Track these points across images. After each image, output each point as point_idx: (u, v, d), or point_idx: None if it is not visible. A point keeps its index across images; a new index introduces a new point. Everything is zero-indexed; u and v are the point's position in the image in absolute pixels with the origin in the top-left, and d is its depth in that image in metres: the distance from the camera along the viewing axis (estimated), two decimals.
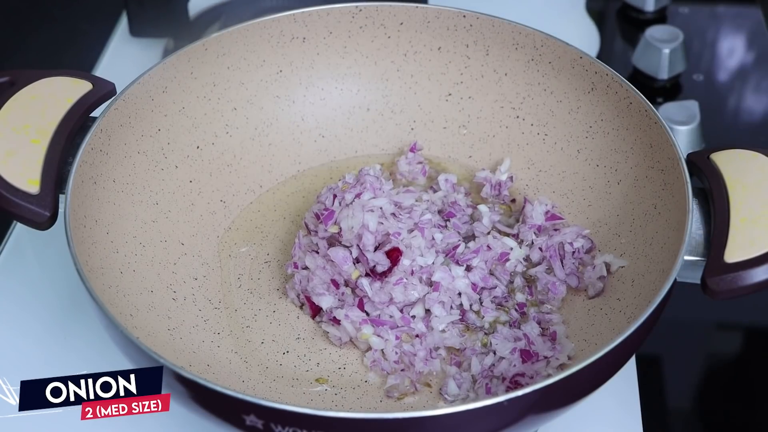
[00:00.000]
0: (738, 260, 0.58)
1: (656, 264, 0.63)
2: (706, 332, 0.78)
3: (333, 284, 0.66)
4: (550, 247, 0.68)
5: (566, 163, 0.73)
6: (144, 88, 0.70)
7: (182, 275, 0.69)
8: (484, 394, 0.62)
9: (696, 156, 0.65)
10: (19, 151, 0.64)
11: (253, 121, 0.76)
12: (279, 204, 0.75)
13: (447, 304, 0.66)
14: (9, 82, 0.68)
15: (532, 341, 0.64)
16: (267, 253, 0.72)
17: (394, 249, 0.65)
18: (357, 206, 0.65)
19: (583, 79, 0.71)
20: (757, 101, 1.00)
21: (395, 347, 0.64)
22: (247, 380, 0.64)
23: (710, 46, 1.05)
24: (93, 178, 0.65)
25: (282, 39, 0.76)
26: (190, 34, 0.96)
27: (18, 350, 0.71)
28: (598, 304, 0.66)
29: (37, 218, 0.62)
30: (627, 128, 0.69)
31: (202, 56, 0.73)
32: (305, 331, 0.67)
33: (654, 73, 0.95)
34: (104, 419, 0.67)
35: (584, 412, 0.66)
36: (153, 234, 0.69)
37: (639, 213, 0.67)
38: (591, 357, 0.53)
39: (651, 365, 0.72)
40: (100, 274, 0.61)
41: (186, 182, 0.73)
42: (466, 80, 0.76)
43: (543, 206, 0.70)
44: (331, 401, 0.63)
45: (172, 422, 0.67)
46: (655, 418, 0.68)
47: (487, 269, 0.67)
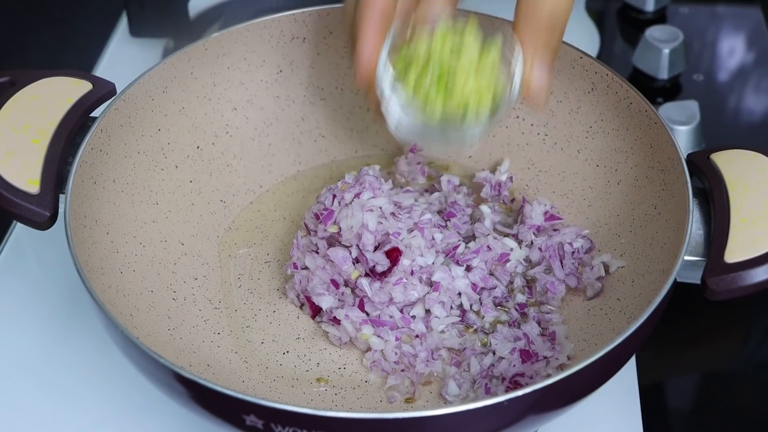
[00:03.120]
0: (738, 260, 0.58)
1: (656, 264, 0.63)
2: (707, 333, 0.78)
3: (333, 284, 0.66)
4: (549, 248, 0.68)
5: (566, 163, 0.73)
6: (144, 88, 0.70)
7: (182, 275, 0.69)
8: (483, 394, 0.62)
9: (696, 156, 0.65)
10: (19, 151, 0.64)
11: (253, 121, 0.76)
12: (279, 204, 0.75)
13: (447, 304, 0.66)
14: (9, 82, 0.68)
15: (531, 341, 0.64)
16: (267, 253, 0.72)
17: (393, 249, 0.65)
18: (356, 206, 0.65)
19: (583, 79, 0.71)
20: (757, 101, 1.00)
21: (395, 348, 0.64)
22: (247, 380, 0.64)
23: (710, 46, 1.05)
24: (93, 178, 0.65)
25: (282, 39, 0.76)
26: (190, 34, 0.96)
27: (18, 350, 0.71)
28: (598, 304, 0.66)
29: (37, 218, 0.62)
30: (627, 128, 0.69)
31: (202, 56, 0.73)
32: (305, 331, 0.67)
33: (654, 73, 0.95)
34: (104, 418, 0.67)
35: (584, 413, 0.66)
36: (153, 234, 0.69)
37: (639, 213, 0.67)
38: (591, 357, 0.53)
39: (651, 366, 0.72)
40: (100, 274, 0.61)
41: (186, 182, 0.73)
42: None
43: (542, 206, 0.70)
44: (331, 401, 0.63)
45: (172, 422, 0.67)
46: (655, 418, 0.68)
47: (487, 269, 0.67)
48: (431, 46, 0.60)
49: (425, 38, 0.60)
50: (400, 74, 0.61)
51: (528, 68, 0.60)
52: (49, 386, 0.68)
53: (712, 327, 0.77)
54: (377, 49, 0.61)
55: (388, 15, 0.60)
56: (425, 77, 0.60)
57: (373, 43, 0.60)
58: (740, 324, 0.78)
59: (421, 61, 0.60)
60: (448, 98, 0.60)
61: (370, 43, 0.60)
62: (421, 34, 0.61)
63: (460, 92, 0.59)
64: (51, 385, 0.68)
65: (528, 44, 0.60)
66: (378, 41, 0.60)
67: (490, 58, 0.60)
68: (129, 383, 0.66)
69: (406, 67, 0.61)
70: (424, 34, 0.61)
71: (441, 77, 0.59)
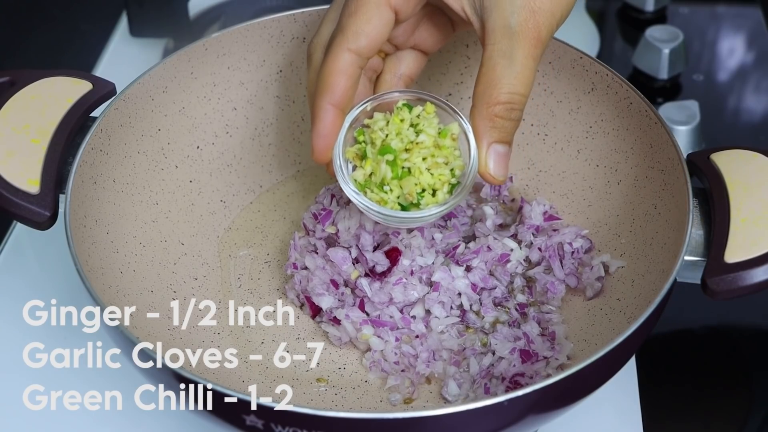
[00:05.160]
0: (738, 260, 0.58)
1: (656, 264, 0.63)
2: (707, 332, 0.78)
3: (333, 284, 0.66)
4: (549, 248, 0.68)
5: (566, 163, 0.73)
6: (144, 88, 0.70)
7: (182, 275, 0.69)
8: (482, 394, 0.62)
9: (696, 156, 0.65)
10: (19, 151, 0.64)
11: (253, 121, 0.76)
12: (279, 204, 0.75)
13: (447, 304, 0.66)
14: (9, 82, 0.68)
15: (531, 340, 0.64)
16: (267, 253, 0.72)
17: (393, 249, 0.65)
18: (354, 206, 0.65)
19: (583, 79, 0.71)
20: (757, 101, 1.00)
21: (395, 348, 0.64)
22: (247, 380, 0.64)
23: (710, 46, 1.05)
24: (93, 178, 0.65)
25: (282, 39, 0.76)
26: (190, 34, 0.96)
27: (18, 350, 0.71)
28: (598, 305, 0.66)
29: (37, 218, 0.62)
30: (627, 128, 0.69)
31: (202, 56, 0.73)
32: (305, 331, 0.67)
33: (654, 73, 0.95)
34: (104, 418, 0.67)
35: (584, 413, 0.66)
36: (153, 234, 0.69)
37: (639, 213, 0.67)
38: (591, 357, 0.53)
39: (651, 365, 0.72)
40: (100, 274, 0.61)
41: (186, 182, 0.73)
42: (466, 80, 0.76)
43: (541, 206, 0.70)
44: (331, 401, 0.63)
45: (172, 422, 0.67)
46: (655, 418, 0.68)
47: (487, 270, 0.67)
48: (388, 130, 0.61)
49: (382, 122, 0.61)
50: (355, 159, 0.62)
51: (483, 154, 0.59)
52: (49, 386, 0.68)
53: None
54: (334, 130, 0.61)
55: (347, 98, 0.61)
56: (381, 162, 0.60)
57: (330, 124, 0.61)
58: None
59: (377, 145, 0.60)
60: (404, 183, 0.60)
61: (328, 124, 0.61)
62: (379, 119, 0.61)
63: (416, 176, 0.60)
64: (51, 385, 0.68)
65: (484, 130, 0.59)
66: (335, 123, 0.61)
67: (447, 141, 0.60)
68: (129, 383, 0.66)
69: (363, 152, 0.61)
70: (380, 118, 0.61)
71: (396, 162, 0.60)
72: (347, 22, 0.60)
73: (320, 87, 0.61)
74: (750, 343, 0.78)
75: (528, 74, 0.58)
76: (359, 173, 0.61)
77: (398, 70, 0.66)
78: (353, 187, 0.61)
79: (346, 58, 0.60)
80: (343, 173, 0.61)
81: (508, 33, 0.58)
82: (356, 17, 0.60)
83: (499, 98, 0.58)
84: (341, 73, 0.60)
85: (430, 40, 0.66)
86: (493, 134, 0.59)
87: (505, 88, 0.58)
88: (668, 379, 0.73)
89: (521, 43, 0.58)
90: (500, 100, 0.58)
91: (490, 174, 0.60)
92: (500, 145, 0.59)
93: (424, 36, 0.66)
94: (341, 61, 0.60)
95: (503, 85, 0.58)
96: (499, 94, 0.58)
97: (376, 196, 0.61)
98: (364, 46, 0.60)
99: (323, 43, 0.63)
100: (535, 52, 0.58)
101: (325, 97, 0.60)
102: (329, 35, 0.62)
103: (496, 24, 0.58)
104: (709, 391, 0.74)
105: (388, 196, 0.60)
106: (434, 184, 0.60)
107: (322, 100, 0.61)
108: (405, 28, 0.64)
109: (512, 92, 0.58)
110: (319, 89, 0.61)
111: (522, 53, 0.58)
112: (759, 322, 0.79)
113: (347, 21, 0.60)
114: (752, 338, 0.78)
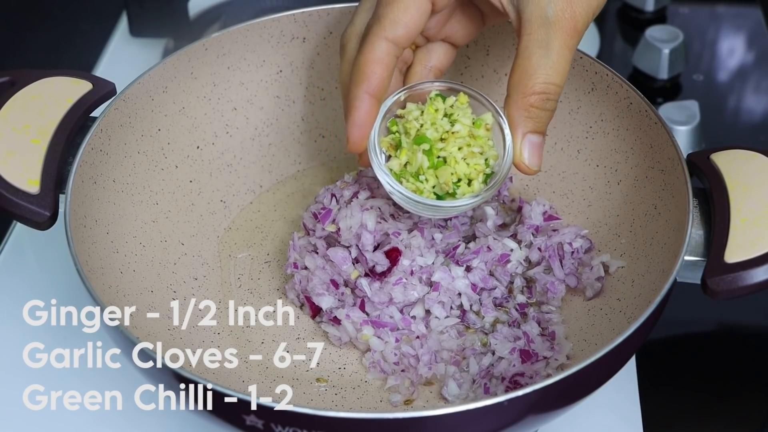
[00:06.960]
0: (738, 260, 0.58)
1: (656, 264, 0.63)
2: (707, 332, 0.78)
3: (333, 284, 0.66)
4: (549, 248, 0.68)
5: (566, 163, 0.73)
6: (144, 88, 0.70)
7: (182, 275, 0.69)
8: (482, 394, 0.62)
9: (696, 156, 0.65)
10: (19, 151, 0.64)
11: (253, 121, 0.76)
12: (279, 204, 0.75)
13: (447, 304, 0.66)
14: (9, 82, 0.68)
15: (531, 340, 0.64)
16: (267, 253, 0.72)
17: (393, 249, 0.65)
18: (355, 206, 0.65)
19: (583, 79, 0.71)
20: (757, 101, 1.00)
21: (395, 349, 0.64)
22: (247, 380, 0.64)
23: (710, 46, 1.05)
24: (93, 178, 0.65)
25: (282, 39, 0.76)
26: (190, 34, 0.96)
27: (18, 350, 0.71)
28: (598, 304, 0.66)
29: (37, 218, 0.62)
30: (627, 128, 0.69)
31: (202, 56, 0.73)
32: (305, 331, 0.67)
33: (654, 73, 0.95)
34: (104, 418, 0.67)
35: (584, 413, 0.66)
36: (153, 234, 0.69)
37: (639, 213, 0.67)
38: (591, 357, 0.53)
39: (651, 365, 0.72)
40: (100, 274, 0.61)
41: (186, 182, 0.73)
42: (466, 80, 0.76)
43: (540, 206, 0.70)
44: (331, 401, 0.63)
45: (172, 422, 0.67)
46: (655, 417, 0.68)
47: (487, 270, 0.67)
48: (423, 120, 0.61)
49: (417, 112, 0.61)
50: (390, 149, 0.62)
51: (518, 144, 0.60)
52: (49, 386, 0.68)
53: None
54: (370, 120, 0.61)
55: (383, 88, 0.61)
56: (416, 152, 0.60)
57: (366, 114, 0.61)
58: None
59: (412, 135, 0.61)
60: (440, 172, 0.60)
61: (363, 114, 0.61)
62: (413, 109, 0.62)
63: (452, 166, 0.60)
64: (51, 385, 0.68)
65: (519, 120, 0.59)
66: (371, 113, 0.61)
67: (481, 131, 0.61)
68: (129, 383, 0.66)
69: (398, 141, 0.61)
70: (415, 108, 0.62)
71: (432, 151, 0.60)
72: (384, 11, 0.60)
73: (356, 76, 0.61)
74: (750, 343, 0.78)
75: (564, 64, 0.58)
76: (395, 162, 0.61)
77: (428, 62, 0.65)
78: (390, 177, 0.61)
79: (383, 47, 0.60)
80: (379, 162, 0.61)
81: (544, 23, 0.58)
82: (394, 6, 0.60)
83: (535, 88, 0.58)
84: (378, 63, 0.60)
85: (460, 33, 0.66)
86: (528, 124, 0.59)
87: (540, 78, 0.58)
88: (668, 379, 0.73)
89: (558, 33, 0.58)
90: (536, 90, 0.58)
91: (524, 164, 0.60)
92: (535, 135, 0.60)
93: (456, 28, 0.65)
94: (378, 50, 0.60)
95: (539, 75, 0.58)
96: (534, 84, 0.58)
97: (411, 185, 0.61)
98: (401, 36, 0.60)
99: (358, 33, 0.63)
100: (571, 42, 0.58)
101: (362, 86, 0.60)
102: (363, 25, 0.62)
103: (533, 14, 0.58)
104: (709, 391, 0.74)
105: (423, 185, 0.61)
106: (470, 174, 0.60)
107: (358, 89, 0.60)
108: (438, 20, 0.64)
109: (548, 82, 0.58)
110: (354, 78, 0.61)
111: (558, 43, 0.58)
112: (759, 323, 0.79)
113: (384, 10, 0.60)
114: (752, 338, 0.78)
